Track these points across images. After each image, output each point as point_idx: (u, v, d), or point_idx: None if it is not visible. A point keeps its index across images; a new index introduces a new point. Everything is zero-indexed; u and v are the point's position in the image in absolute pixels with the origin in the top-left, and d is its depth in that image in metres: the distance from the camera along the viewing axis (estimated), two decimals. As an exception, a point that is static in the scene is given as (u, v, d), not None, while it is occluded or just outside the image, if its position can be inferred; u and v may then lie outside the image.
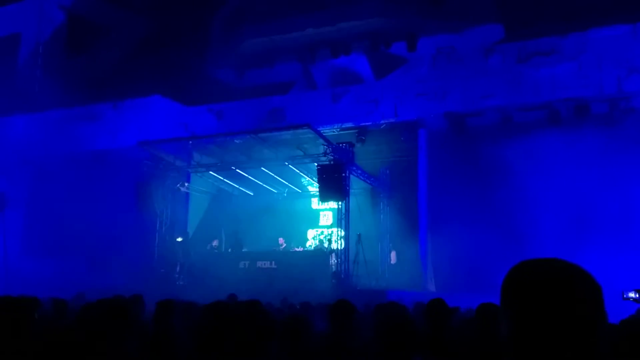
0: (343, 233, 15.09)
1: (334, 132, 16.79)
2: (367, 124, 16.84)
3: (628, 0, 14.40)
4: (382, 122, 16.72)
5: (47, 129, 20.69)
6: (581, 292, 1.32)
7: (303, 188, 18.99)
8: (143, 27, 20.18)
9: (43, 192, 20.24)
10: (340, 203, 15.16)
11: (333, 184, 14.53)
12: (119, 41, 21.00)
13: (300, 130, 15.00)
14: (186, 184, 18.27)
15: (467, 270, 14.53)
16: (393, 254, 16.92)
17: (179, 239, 17.53)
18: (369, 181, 17.08)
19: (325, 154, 14.88)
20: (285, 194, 19.42)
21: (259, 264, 16.29)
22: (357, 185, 16.69)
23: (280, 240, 17.04)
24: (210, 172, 18.02)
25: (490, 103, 15.51)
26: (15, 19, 23.65)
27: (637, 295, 5.67)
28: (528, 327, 1.31)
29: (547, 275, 1.34)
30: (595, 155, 13.76)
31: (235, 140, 16.06)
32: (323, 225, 18.61)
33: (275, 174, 17.67)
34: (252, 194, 19.67)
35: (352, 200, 15.57)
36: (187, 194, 18.68)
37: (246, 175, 17.84)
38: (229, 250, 17.78)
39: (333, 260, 15.20)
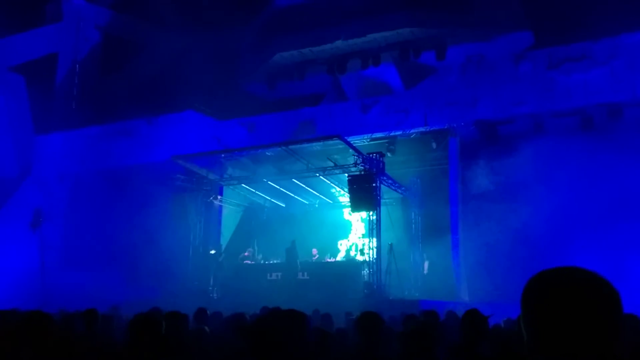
0: (375, 243, 15.07)
1: (364, 142, 16.82)
2: (397, 133, 16.82)
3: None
4: (412, 131, 16.70)
5: (84, 145, 21.23)
6: (601, 298, 1.36)
7: (334, 199, 19.05)
8: (175, 43, 20.61)
9: (80, 207, 20.70)
10: (371, 213, 15.16)
11: (364, 194, 14.56)
12: (152, 58, 21.47)
13: (330, 142, 15.10)
14: (219, 197, 18.49)
15: (501, 280, 14.34)
16: (426, 264, 16.81)
17: (212, 252, 17.73)
18: (399, 191, 17.04)
19: (355, 164, 14.92)
20: (316, 205, 19.50)
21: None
22: (388, 195, 16.67)
23: (314, 251, 17.11)
24: (243, 185, 18.23)
25: (522, 110, 15.38)
26: (53, 40, 24.37)
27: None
28: (550, 336, 1.36)
29: (567, 283, 1.39)
30: (630, 160, 13.50)
31: (267, 153, 16.24)
32: (355, 236, 18.61)
33: (306, 185, 17.78)
34: (283, 205, 19.81)
35: (383, 210, 15.56)
36: (220, 207, 18.90)
37: (278, 187, 18.00)
38: (269, 261, 17.89)
39: (365, 270, 15.20)
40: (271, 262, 18.05)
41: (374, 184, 14.73)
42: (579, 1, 15.24)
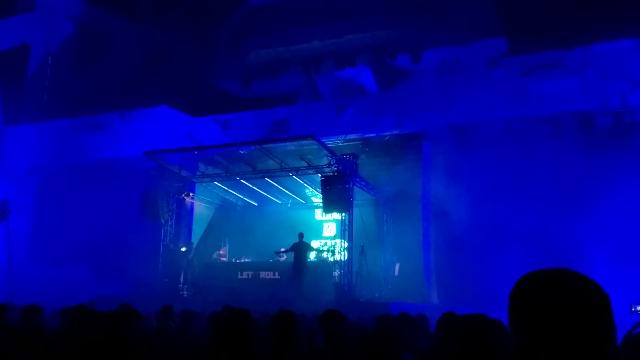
0: (346, 244, 15.10)
1: (338, 143, 16.83)
2: (371, 135, 16.87)
3: (632, 14, 14.42)
4: (386, 133, 16.75)
5: (55, 138, 20.89)
6: (590, 301, 1.33)
7: (307, 199, 19.07)
8: (151, 38, 20.38)
9: (50, 201, 20.38)
10: (343, 214, 15.18)
11: (337, 195, 14.55)
12: (126, 52, 21.20)
13: (304, 142, 15.07)
14: (191, 194, 18.36)
15: (471, 283, 14.47)
16: (397, 266, 16.90)
17: (183, 249, 17.60)
18: (372, 192, 17.11)
19: (329, 165, 14.93)
20: (289, 205, 19.49)
21: (262, 274, 16.37)
22: (360, 197, 16.72)
23: (282, 251, 16.96)
24: (215, 183, 18.13)
25: (494, 116, 15.51)
26: (25, 30, 23.91)
27: (647, 308, 5.62)
28: (538, 338, 1.32)
29: (555, 285, 1.36)
30: (598, 169, 13.73)
31: (240, 151, 16.17)
32: (326, 237, 18.65)
33: (279, 185, 17.76)
34: (256, 204, 19.77)
35: (356, 211, 15.59)
36: (191, 204, 18.77)
37: (250, 185, 17.95)
38: (239, 259, 17.78)
39: (336, 271, 15.22)
40: (242, 260, 18.02)
41: (347, 185, 14.75)
42: (554, 10, 15.41)
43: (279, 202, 19.44)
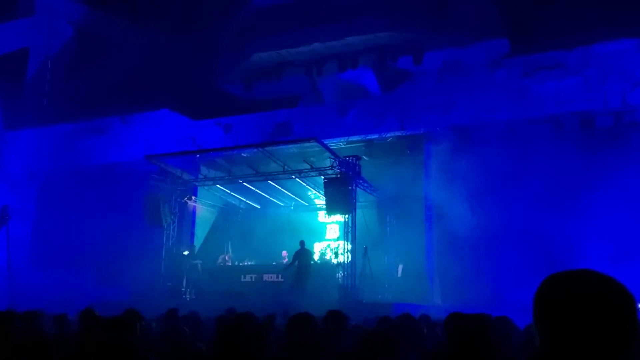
0: (349, 246, 15.10)
1: (340, 145, 16.85)
2: (373, 137, 16.91)
3: (633, 14, 14.49)
4: (389, 135, 16.78)
5: (56, 143, 20.84)
6: (615, 302, 1.34)
7: (310, 201, 19.05)
8: (151, 41, 20.38)
9: (50, 205, 20.32)
10: (346, 216, 15.18)
11: (340, 197, 14.56)
12: (127, 55, 21.19)
13: (307, 144, 15.10)
14: (193, 198, 18.33)
15: (474, 283, 14.48)
16: (400, 267, 16.88)
17: (186, 252, 17.56)
18: (375, 194, 17.10)
19: (332, 167, 14.93)
20: (292, 207, 19.47)
21: (266, 277, 16.35)
22: (363, 198, 16.71)
23: (284, 253, 16.99)
24: (218, 186, 18.11)
25: (496, 116, 15.56)
26: (25, 34, 23.85)
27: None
28: (564, 339, 1.33)
29: (580, 287, 1.36)
30: (599, 169, 13.76)
31: (243, 154, 16.18)
32: (330, 239, 18.63)
33: (282, 187, 17.74)
34: (259, 207, 19.75)
35: (359, 213, 15.59)
36: (194, 207, 18.74)
37: (253, 188, 17.93)
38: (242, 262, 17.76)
39: (340, 273, 15.22)
40: (245, 263, 18.01)
41: (349, 187, 14.76)
42: (554, 11, 15.49)
43: (282, 204, 19.44)
